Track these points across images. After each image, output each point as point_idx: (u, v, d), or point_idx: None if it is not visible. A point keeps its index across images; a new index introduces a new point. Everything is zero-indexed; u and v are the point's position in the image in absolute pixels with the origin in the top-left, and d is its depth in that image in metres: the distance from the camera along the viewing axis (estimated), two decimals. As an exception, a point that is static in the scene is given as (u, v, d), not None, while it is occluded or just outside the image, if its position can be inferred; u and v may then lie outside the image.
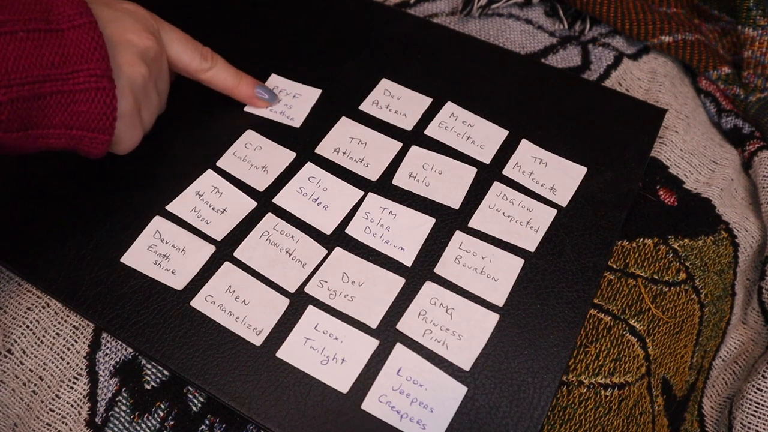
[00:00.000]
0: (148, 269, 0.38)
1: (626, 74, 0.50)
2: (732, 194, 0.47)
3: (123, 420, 0.36)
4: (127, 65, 0.35)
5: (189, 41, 0.41)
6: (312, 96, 0.46)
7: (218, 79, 0.43)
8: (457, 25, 0.53)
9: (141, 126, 0.38)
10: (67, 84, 0.32)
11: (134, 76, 0.36)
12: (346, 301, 0.37)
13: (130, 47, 0.36)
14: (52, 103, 0.32)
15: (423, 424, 0.33)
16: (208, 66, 0.42)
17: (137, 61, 0.36)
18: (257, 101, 0.44)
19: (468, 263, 0.38)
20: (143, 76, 0.36)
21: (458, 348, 0.36)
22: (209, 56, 0.42)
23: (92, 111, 0.34)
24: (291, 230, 0.40)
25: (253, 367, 0.35)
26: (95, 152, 0.36)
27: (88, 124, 0.34)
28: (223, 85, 0.43)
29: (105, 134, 0.35)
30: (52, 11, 0.33)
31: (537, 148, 0.43)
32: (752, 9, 0.49)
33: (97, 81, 0.33)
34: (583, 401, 0.37)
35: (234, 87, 0.43)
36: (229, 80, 0.43)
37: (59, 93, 0.32)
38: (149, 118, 0.39)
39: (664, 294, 0.40)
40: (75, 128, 0.34)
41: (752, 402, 0.43)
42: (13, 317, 0.38)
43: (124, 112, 0.36)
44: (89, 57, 0.33)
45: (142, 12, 0.38)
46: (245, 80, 0.44)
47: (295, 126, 0.44)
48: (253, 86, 0.44)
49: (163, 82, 0.40)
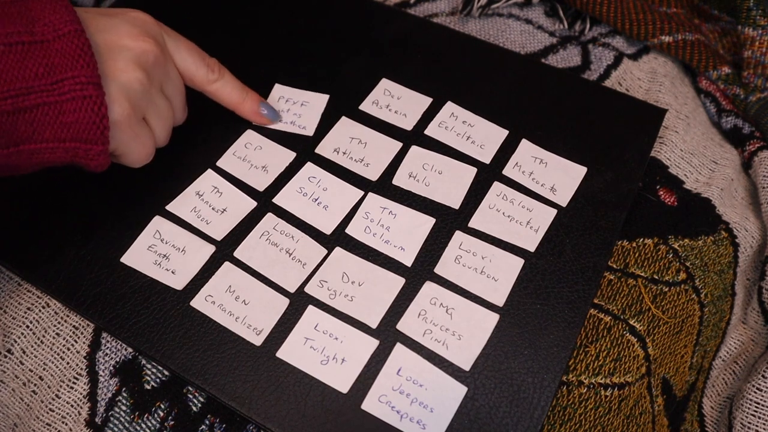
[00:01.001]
0: (148, 269, 0.38)
1: (626, 74, 0.50)
2: (732, 194, 0.47)
3: (123, 420, 0.36)
4: (121, 71, 0.34)
5: (196, 51, 0.40)
6: (320, 102, 0.45)
7: (223, 93, 0.42)
8: (457, 25, 0.53)
9: (150, 135, 0.37)
10: (53, 95, 0.31)
11: (130, 81, 0.34)
12: (346, 301, 0.37)
13: (124, 52, 0.35)
14: (39, 116, 0.31)
15: (423, 424, 0.33)
16: (215, 78, 0.41)
17: (132, 67, 0.35)
18: (260, 118, 0.44)
19: (468, 263, 0.38)
20: (140, 82, 0.35)
21: (458, 348, 0.36)
22: (216, 68, 0.41)
23: (81, 121, 0.32)
24: (291, 230, 0.40)
25: (253, 367, 0.35)
26: (94, 164, 0.34)
27: (79, 135, 0.32)
28: (228, 99, 0.42)
29: (98, 144, 0.33)
30: (38, 22, 0.32)
31: (537, 148, 0.43)
32: (752, 9, 0.49)
33: (82, 89, 0.32)
34: (583, 401, 0.37)
35: (239, 103, 0.42)
36: (234, 95, 0.42)
37: (45, 105, 0.31)
38: (161, 127, 0.38)
39: (664, 294, 0.40)
40: (67, 140, 0.32)
41: (752, 402, 0.43)
42: (13, 317, 0.38)
43: (118, 119, 0.34)
44: (74, 65, 0.32)
45: (144, 18, 0.37)
46: (250, 96, 0.43)
47: (309, 135, 0.44)
48: (257, 103, 0.43)
49: (173, 88, 0.39)
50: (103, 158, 0.34)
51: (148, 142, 0.37)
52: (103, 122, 0.33)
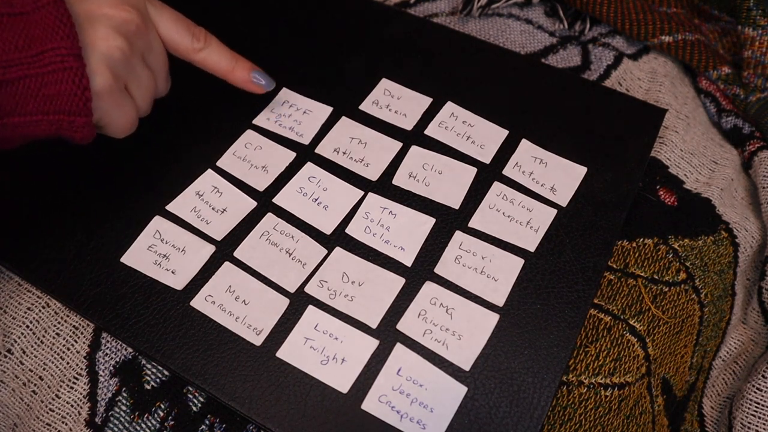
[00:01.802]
0: (148, 269, 0.38)
1: (626, 74, 0.50)
2: (732, 194, 0.47)
3: (123, 420, 0.36)
4: (102, 39, 0.33)
5: (180, 19, 0.39)
6: (322, 113, 0.45)
7: (211, 61, 0.40)
8: (457, 25, 0.53)
9: (132, 105, 0.36)
10: (33, 67, 0.31)
11: (110, 50, 0.34)
12: (346, 301, 0.37)
13: (105, 20, 0.34)
14: (21, 89, 0.31)
15: (423, 424, 0.33)
16: (201, 46, 0.39)
17: (113, 35, 0.34)
18: (253, 86, 0.42)
19: (468, 263, 0.38)
20: (121, 50, 0.34)
21: (458, 348, 0.36)
22: (202, 36, 0.39)
23: (63, 93, 0.32)
24: (291, 230, 0.40)
25: (253, 367, 0.35)
26: (79, 137, 0.34)
27: (62, 107, 0.32)
28: (217, 67, 0.40)
29: (82, 116, 0.33)
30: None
31: (537, 148, 0.43)
32: (752, 9, 0.49)
33: (62, 60, 0.31)
34: (583, 401, 0.37)
35: (229, 71, 0.41)
36: (223, 63, 0.40)
37: (26, 77, 0.31)
38: (142, 97, 0.37)
39: (664, 294, 0.40)
40: (50, 113, 0.32)
41: (752, 402, 0.43)
42: (13, 317, 0.38)
43: (101, 89, 0.33)
44: (54, 36, 0.31)
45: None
46: (241, 63, 0.41)
47: (304, 143, 0.44)
48: (249, 70, 0.41)
49: (156, 57, 0.38)
50: (88, 130, 0.34)
51: (131, 112, 0.36)
52: (86, 94, 0.32)
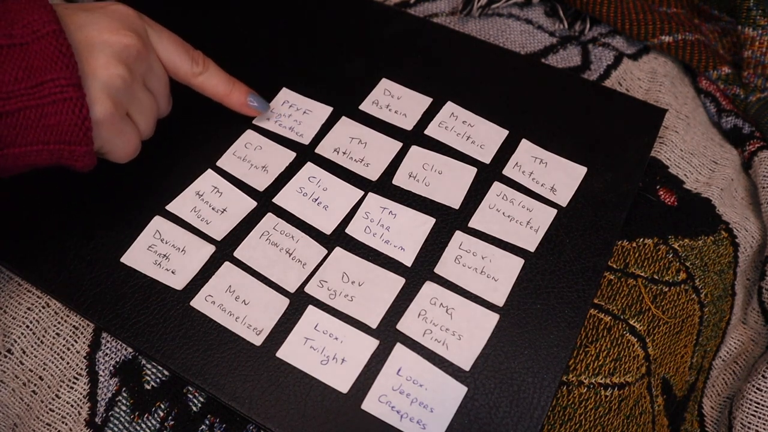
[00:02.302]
0: (148, 269, 0.38)
1: (626, 74, 0.50)
2: (732, 194, 0.47)
3: (123, 420, 0.36)
4: (102, 68, 0.33)
5: (180, 43, 0.39)
6: (323, 113, 0.45)
7: (209, 85, 0.41)
8: (457, 25, 0.53)
9: (134, 130, 0.37)
10: (33, 98, 0.31)
11: (111, 78, 0.34)
12: (346, 301, 0.37)
13: (105, 48, 0.34)
14: (21, 120, 0.31)
15: (423, 424, 0.33)
16: (200, 70, 0.40)
17: (113, 63, 0.34)
18: (249, 110, 0.43)
19: (468, 263, 0.38)
20: (122, 78, 0.34)
21: (458, 348, 0.36)
22: (201, 60, 0.40)
23: (63, 123, 0.32)
24: (291, 230, 0.40)
25: (253, 367, 0.35)
26: (80, 165, 0.34)
27: (62, 137, 0.32)
28: (214, 91, 0.41)
29: (82, 145, 0.33)
30: (16, 24, 0.31)
31: (537, 148, 0.43)
32: (752, 9, 0.49)
33: (62, 91, 0.31)
34: (583, 401, 0.37)
35: (226, 94, 0.42)
36: (220, 87, 0.41)
37: (27, 108, 0.31)
38: (145, 121, 0.37)
39: (664, 294, 0.40)
40: (51, 143, 0.32)
41: (752, 402, 0.43)
42: (13, 317, 0.38)
43: (101, 118, 0.33)
44: (53, 67, 0.31)
45: (125, 11, 0.36)
46: (237, 88, 0.42)
47: (304, 143, 0.44)
48: (245, 94, 0.42)
49: (157, 81, 0.38)
50: (89, 159, 0.34)
51: (133, 138, 0.37)
52: (86, 123, 0.32)
